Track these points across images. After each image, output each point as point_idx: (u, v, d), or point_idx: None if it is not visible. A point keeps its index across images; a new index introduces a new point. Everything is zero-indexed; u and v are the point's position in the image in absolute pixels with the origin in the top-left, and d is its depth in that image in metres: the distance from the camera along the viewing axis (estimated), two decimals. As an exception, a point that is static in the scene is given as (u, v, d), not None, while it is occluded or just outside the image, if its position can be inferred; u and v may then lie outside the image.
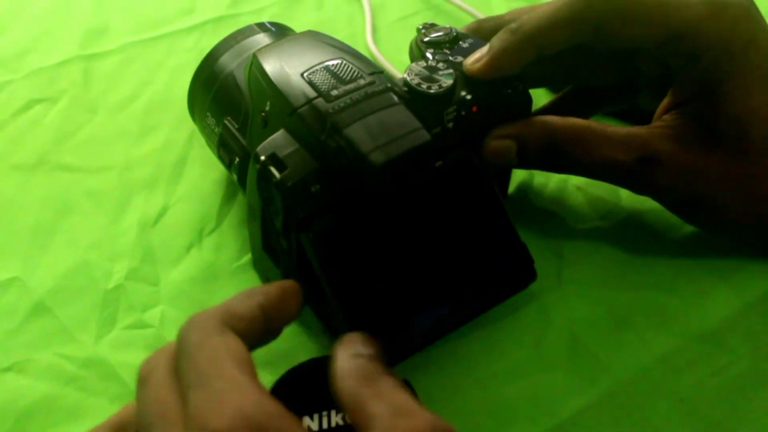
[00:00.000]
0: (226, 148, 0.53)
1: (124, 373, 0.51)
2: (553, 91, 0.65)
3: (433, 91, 0.48)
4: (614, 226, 0.58)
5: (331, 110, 0.46)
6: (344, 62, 0.48)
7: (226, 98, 0.54)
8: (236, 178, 0.53)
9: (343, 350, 0.40)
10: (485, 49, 0.51)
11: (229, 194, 0.59)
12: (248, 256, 0.55)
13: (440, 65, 0.50)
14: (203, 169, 0.61)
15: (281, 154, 0.46)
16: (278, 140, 0.47)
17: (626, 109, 0.62)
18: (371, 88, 0.47)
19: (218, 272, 0.55)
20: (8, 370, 0.51)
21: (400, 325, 0.48)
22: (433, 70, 0.49)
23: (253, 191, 0.48)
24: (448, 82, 0.49)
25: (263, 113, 0.49)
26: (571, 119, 0.53)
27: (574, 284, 0.55)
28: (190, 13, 0.72)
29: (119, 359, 0.51)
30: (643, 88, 0.56)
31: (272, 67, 0.48)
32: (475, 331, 0.52)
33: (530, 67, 0.52)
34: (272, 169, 0.46)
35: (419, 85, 0.48)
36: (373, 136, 0.45)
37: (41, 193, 0.60)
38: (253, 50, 0.51)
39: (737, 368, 0.51)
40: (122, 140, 0.63)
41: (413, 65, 0.49)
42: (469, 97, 0.49)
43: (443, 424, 0.35)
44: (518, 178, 0.60)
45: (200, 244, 0.57)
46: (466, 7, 0.71)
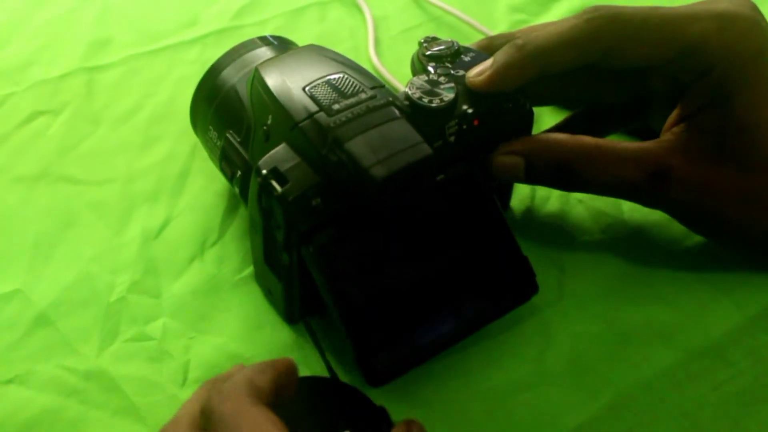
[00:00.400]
0: (228, 161, 0.53)
1: (125, 385, 0.51)
2: (566, 108, 0.65)
3: (434, 104, 0.48)
4: (616, 239, 0.58)
5: (332, 124, 0.46)
6: (346, 76, 0.48)
7: (228, 112, 0.54)
8: (238, 191, 0.53)
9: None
10: (489, 62, 0.51)
11: (231, 207, 0.59)
12: (250, 268, 0.55)
13: (442, 79, 0.50)
14: (206, 181, 0.61)
15: (283, 168, 0.46)
16: (280, 154, 0.47)
17: (637, 126, 0.61)
18: (373, 102, 0.47)
19: (220, 285, 0.55)
20: (10, 382, 0.51)
21: (401, 337, 0.48)
22: (434, 83, 0.49)
23: (254, 205, 0.48)
24: (449, 95, 0.49)
25: (265, 127, 0.49)
26: (580, 137, 0.53)
27: (575, 297, 0.55)
28: (192, 25, 0.72)
29: (121, 372, 0.51)
30: (654, 105, 0.56)
31: (274, 81, 0.48)
32: (476, 344, 0.52)
33: (539, 84, 0.52)
34: (274, 182, 0.46)
35: (421, 98, 0.48)
36: (374, 150, 0.45)
37: (44, 204, 0.60)
38: (255, 64, 0.51)
39: (739, 383, 0.50)
40: (125, 152, 0.63)
41: (415, 79, 0.49)
42: (470, 111, 0.50)
43: None
44: (520, 191, 0.60)
45: (202, 256, 0.57)
46: (468, 20, 0.71)
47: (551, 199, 0.60)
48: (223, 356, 0.52)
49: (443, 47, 0.53)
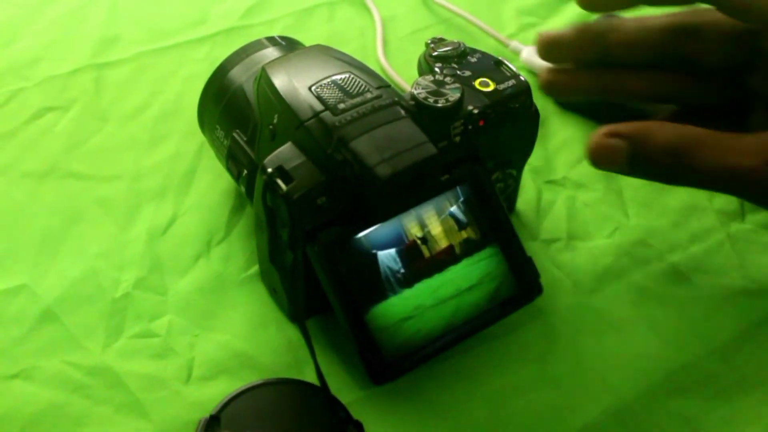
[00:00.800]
0: (234, 160, 0.53)
1: (130, 381, 0.51)
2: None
3: (440, 105, 0.48)
4: (621, 243, 0.58)
5: (338, 123, 0.46)
6: (352, 76, 0.48)
7: (235, 111, 0.54)
8: (244, 190, 0.53)
9: None
10: None
11: (237, 205, 0.59)
12: (256, 267, 0.56)
13: (448, 79, 0.50)
14: (212, 179, 0.61)
15: (288, 166, 0.46)
16: (285, 153, 0.47)
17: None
18: (378, 101, 0.47)
19: (226, 283, 0.56)
20: (15, 377, 0.51)
21: (405, 336, 0.49)
22: (440, 84, 0.49)
23: (259, 203, 0.48)
24: (455, 96, 0.49)
25: (271, 126, 0.49)
26: (688, 126, 0.47)
27: (579, 299, 0.55)
28: (202, 23, 0.72)
29: (126, 368, 0.51)
30: (755, 108, 0.52)
31: (280, 80, 0.49)
32: (480, 345, 0.52)
33: (630, 79, 0.50)
34: (279, 181, 0.46)
35: (426, 99, 0.48)
36: (379, 149, 0.45)
37: (51, 200, 0.60)
38: (262, 64, 0.51)
39: (743, 388, 0.50)
40: (132, 149, 0.63)
41: (420, 79, 0.50)
42: (476, 111, 0.50)
43: None
44: (526, 193, 0.60)
45: (208, 254, 0.57)
46: (477, 22, 0.71)
47: (557, 202, 0.60)
48: (227, 354, 0.52)
49: (450, 48, 0.53)
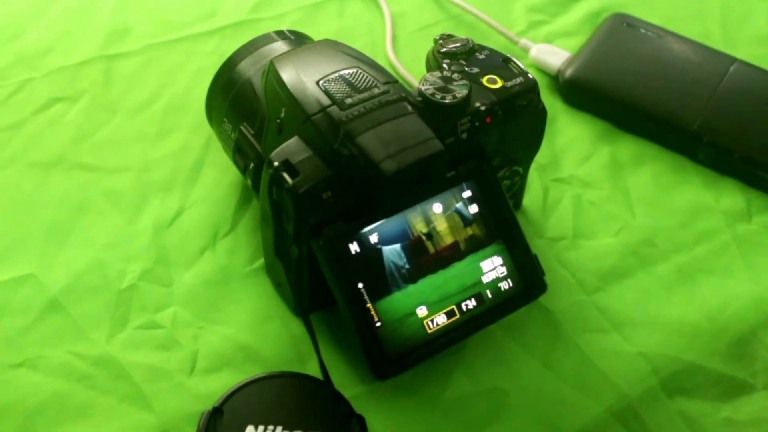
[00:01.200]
0: (241, 153, 0.53)
1: (134, 372, 0.51)
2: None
3: (447, 101, 0.48)
4: (626, 243, 0.58)
5: (344, 118, 0.46)
6: (359, 71, 0.48)
7: (243, 104, 0.54)
8: (251, 183, 0.53)
9: None
10: None
11: (244, 199, 0.59)
12: (261, 260, 0.56)
13: (455, 76, 0.50)
14: (219, 172, 0.61)
15: (294, 160, 0.46)
16: (292, 147, 0.47)
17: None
18: (385, 97, 0.47)
19: (231, 276, 0.56)
20: (20, 366, 0.51)
21: (409, 332, 0.49)
22: (448, 80, 0.49)
23: (265, 197, 0.48)
24: (462, 92, 0.49)
25: (278, 120, 0.49)
26: None
27: (584, 298, 0.55)
28: (211, 17, 0.72)
29: (130, 359, 0.52)
30: None
31: (288, 74, 0.49)
32: (483, 342, 0.52)
33: None
34: (285, 175, 0.46)
35: (434, 95, 0.48)
36: (385, 144, 0.45)
37: (59, 191, 0.60)
38: (270, 57, 0.51)
39: (746, 390, 0.50)
40: (140, 142, 0.63)
41: (428, 75, 0.49)
42: (483, 108, 0.49)
43: None
44: (532, 191, 0.60)
45: (214, 247, 0.57)
46: (486, 19, 0.71)
47: (563, 200, 0.60)
48: (231, 346, 0.52)
49: (458, 44, 0.53)
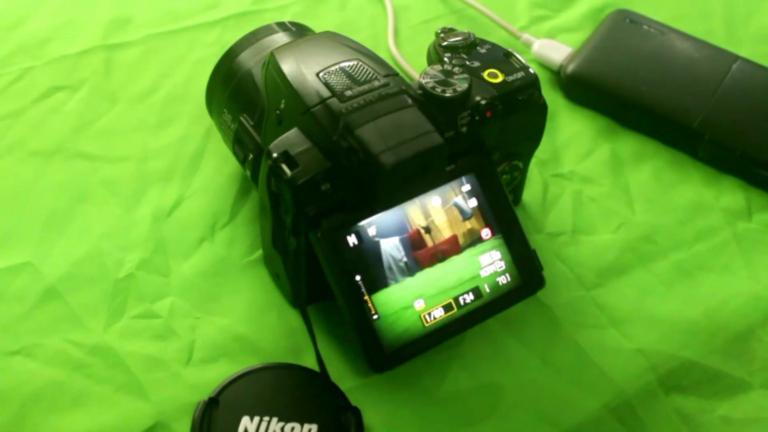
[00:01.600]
0: (241, 144, 0.53)
1: (130, 362, 0.51)
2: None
3: (447, 94, 0.48)
4: (626, 239, 0.58)
5: (344, 110, 0.46)
6: (360, 63, 0.48)
7: (243, 95, 0.54)
8: (250, 174, 0.53)
9: None
10: None
11: (243, 190, 0.59)
12: (259, 252, 0.56)
13: (456, 69, 0.50)
14: (219, 163, 0.61)
15: (293, 151, 0.46)
16: (291, 138, 0.47)
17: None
18: (385, 89, 0.47)
19: (229, 267, 0.56)
20: (17, 353, 0.51)
21: (406, 325, 0.49)
22: (448, 74, 0.49)
23: (264, 188, 0.48)
24: (463, 86, 0.49)
25: (278, 111, 0.49)
26: None
27: (582, 293, 0.55)
28: (213, 7, 0.72)
29: (126, 348, 0.52)
30: None
31: (289, 66, 0.49)
32: (480, 336, 0.52)
33: None
34: (283, 166, 0.46)
35: (434, 88, 0.48)
36: (384, 137, 0.45)
37: (58, 180, 0.60)
38: (271, 49, 0.51)
39: (743, 388, 0.50)
40: (140, 131, 0.63)
41: (429, 68, 0.49)
42: (483, 102, 0.49)
43: None
44: (532, 186, 0.60)
45: (212, 238, 0.57)
46: (489, 13, 0.71)
47: (563, 196, 0.60)
48: (228, 337, 0.52)
49: (459, 38, 0.53)
